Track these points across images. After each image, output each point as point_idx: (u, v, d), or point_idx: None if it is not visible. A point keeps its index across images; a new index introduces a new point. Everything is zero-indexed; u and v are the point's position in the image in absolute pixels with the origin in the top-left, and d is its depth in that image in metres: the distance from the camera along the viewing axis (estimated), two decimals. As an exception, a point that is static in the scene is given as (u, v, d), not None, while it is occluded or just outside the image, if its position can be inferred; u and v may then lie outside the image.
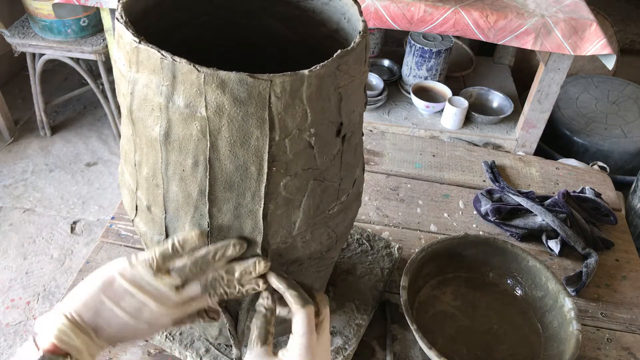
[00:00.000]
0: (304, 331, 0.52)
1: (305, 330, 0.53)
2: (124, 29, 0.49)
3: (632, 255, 0.99)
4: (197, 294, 0.53)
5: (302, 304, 0.54)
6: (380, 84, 1.96)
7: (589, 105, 2.16)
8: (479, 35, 1.55)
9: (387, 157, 1.18)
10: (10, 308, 1.70)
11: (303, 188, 0.55)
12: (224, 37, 0.69)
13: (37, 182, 2.15)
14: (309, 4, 0.64)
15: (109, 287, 0.50)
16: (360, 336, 0.78)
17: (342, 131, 0.55)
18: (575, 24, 1.51)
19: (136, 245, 0.93)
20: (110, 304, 0.50)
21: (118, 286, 0.50)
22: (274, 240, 0.57)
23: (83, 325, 0.49)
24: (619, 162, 2.02)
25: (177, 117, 0.49)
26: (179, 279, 0.52)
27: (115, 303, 0.50)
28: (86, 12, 1.99)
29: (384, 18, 1.57)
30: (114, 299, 0.50)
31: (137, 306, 0.51)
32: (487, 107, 2.00)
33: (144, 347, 0.77)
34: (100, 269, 0.52)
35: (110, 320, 0.50)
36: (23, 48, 2.04)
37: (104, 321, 0.50)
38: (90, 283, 0.51)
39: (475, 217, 1.04)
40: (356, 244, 0.91)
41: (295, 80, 0.47)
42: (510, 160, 1.20)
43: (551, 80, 1.67)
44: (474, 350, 0.78)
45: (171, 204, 0.56)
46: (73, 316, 0.49)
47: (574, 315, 0.75)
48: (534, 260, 0.83)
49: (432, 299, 0.84)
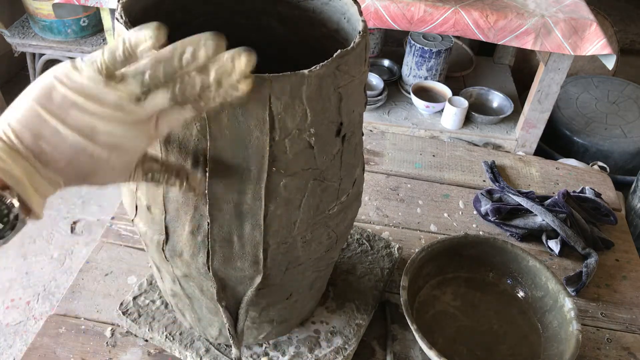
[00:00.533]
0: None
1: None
2: (123, 29, 0.49)
3: (632, 255, 0.99)
4: (164, 105, 0.40)
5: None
6: (380, 84, 1.96)
7: (589, 105, 2.16)
8: (479, 35, 1.55)
9: (387, 157, 1.18)
10: (10, 308, 1.70)
11: (303, 188, 0.55)
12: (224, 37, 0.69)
13: (37, 182, 2.15)
14: (309, 4, 0.64)
15: (48, 99, 0.38)
16: (360, 336, 0.78)
17: (342, 131, 0.55)
18: (575, 24, 1.51)
19: (136, 245, 0.93)
20: (52, 120, 0.37)
21: (60, 96, 0.38)
22: (274, 240, 0.57)
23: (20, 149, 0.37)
24: (619, 162, 2.02)
25: (177, 117, 0.49)
26: (138, 87, 0.39)
27: (59, 119, 0.37)
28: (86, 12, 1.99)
29: (384, 18, 1.57)
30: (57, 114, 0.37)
31: (88, 123, 0.38)
32: (487, 107, 2.00)
33: (144, 347, 0.77)
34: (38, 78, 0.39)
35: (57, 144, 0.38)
36: (23, 48, 2.04)
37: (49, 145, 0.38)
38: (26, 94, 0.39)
39: (475, 217, 1.04)
40: (356, 244, 0.91)
41: (295, 80, 0.47)
42: (510, 160, 1.20)
43: (551, 80, 1.67)
44: (474, 350, 0.78)
45: (171, 204, 0.56)
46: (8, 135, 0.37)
47: (574, 315, 0.75)
48: (534, 260, 0.83)
49: (432, 299, 0.84)
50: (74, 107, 0.38)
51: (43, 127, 0.37)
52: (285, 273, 0.63)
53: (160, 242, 0.60)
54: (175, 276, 0.65)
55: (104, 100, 0.38)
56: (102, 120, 0.38)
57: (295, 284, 0.67)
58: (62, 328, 0.79)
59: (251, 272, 0.60)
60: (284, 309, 0.71)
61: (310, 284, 0.71)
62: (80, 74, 0.38)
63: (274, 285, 0.64)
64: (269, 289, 0.65)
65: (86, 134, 0.38)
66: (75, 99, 0.37)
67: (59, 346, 0.77)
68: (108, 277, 0.87)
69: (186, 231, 0.57)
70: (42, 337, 0.78)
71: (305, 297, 0.74)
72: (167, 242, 0.60)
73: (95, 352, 0.76)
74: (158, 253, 0.62)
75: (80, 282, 0.86)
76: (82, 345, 0.77)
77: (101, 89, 0.38)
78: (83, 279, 0.86)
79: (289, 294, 0.69)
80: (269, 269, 0.60)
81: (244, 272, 0.60)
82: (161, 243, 0.60)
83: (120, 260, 0.90)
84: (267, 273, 0.61)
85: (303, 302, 0.74)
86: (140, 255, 0.91)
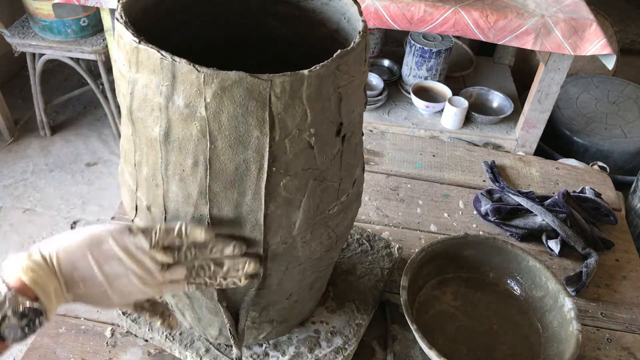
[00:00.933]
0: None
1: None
2: (123, 29, 0.49)
3: (632, 255, 0.99)
4: (179, 278, 0.52)
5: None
6: (380, 84, 1.96)
7: (589, 105, 2.16)
8: (479, 35, 1.55)
9: (387, 157, 1.18)
10: (10, 308, 1.70)
11: (303, 188, 0.55)
12: (224, 37, 0.69)
13: (37, 182, 2.15)
14: (309, 4, 0.64)
15: (98, 246, 0.47)
16: (360, 336, 0.78)
17: (342, 131, 0.55)
18: (575, 24, 1.51)
19: (136, 245, 0.93)
20: (93, 262, 0.47)
21: (107, 248, 0.48)
22: (274, 240, 0.57)
23: (58, 274, 0.46)
24: (619, 162, 2.02)
25: (177, 117, 0.49)
26: (170, 259, 0.51)
27: (98, 264, 0.47)
28: (86, 12, 1.99)
29: (384, 18, 1.57)
30: (99, 260, 0.47)
31: (117, 274, 0.48)
32: (487, 107, 2.00)
33: (144, 347, 0.77)
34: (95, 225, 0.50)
35: (86, 280, 0.47)
36: (23, 48, 2.03)
37: (80, 277, 0.47)
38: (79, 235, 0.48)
39: (475, 217, 1.04)
40: (356, 244, 0.91)
41: (295, 80, 0.47)
42: (510, 160, 1.20)
43: (551, 80, 1.67)
44: (474, 350, 0.78)
45: (171, 204, 0.56)
46: (52, 260, 0.46)
47: (574, 315, 0.75)
48: (534, 260, 0.83)
49: (432, 299, 0.84)
50: (115, 260, 0.48)
51: (83, 264, 0.47)
52: (285, 273, 0.63)
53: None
54: (175, 276, 0.65)
55: (141, 262, 0.49)
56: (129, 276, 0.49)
57: (295, 284, 0.67)
58: (62, 328, 0.79)
59: (251, 272, 0.60)
60: (284, 309, 0.71)
61: (310, 284, 0.71)
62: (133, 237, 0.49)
63: (274, 286, 0.64)
64: (269, 289, 0.65)
65: (111, 280, 0.48)
66: (119, 254, 0.48)
67: (59, 346, 0.77)
68: (108, 277, 0.87)
69: (186, 231, 0.57)
70: (42, 337, 0.78)
71: (305, 297, 0.74)
72: (167, 242, 0.60)
73: (95, 352, 0.76)
74: (158, 253, 0.62)
75: (80, 282, 0.86)
76: (82, 345, 0.77)
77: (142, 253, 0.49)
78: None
79: (289, 294, 0.69)
80: (269, 269, 0.60)
81: (244, 272, 0.60)
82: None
83: (120, 260, 0.90)
84: (267, 273, 0.61)
85: (303, 302, 0.74)
86: (140, 255, 0.91)
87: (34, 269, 0.44)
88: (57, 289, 0.46)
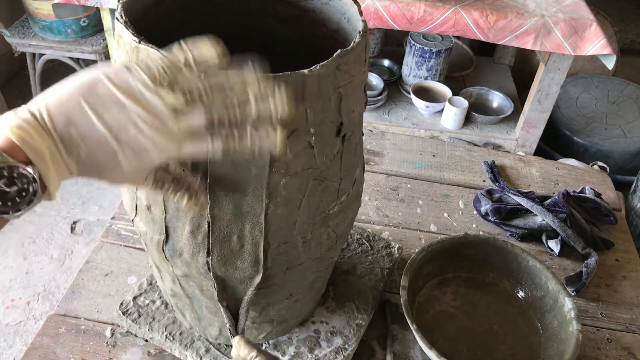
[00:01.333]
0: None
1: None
2: (123, 29, 0.49)
3: (632, 255, 0.99)
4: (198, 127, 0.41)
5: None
6: (380, 84, 1.96)
7: (589, 105, 2.16)
8: (479, 35, 1.55)
9: (387, 157, 1.18)
10: (10, 308, 1.70)
11: (303, 188, 0.55)
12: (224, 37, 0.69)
13: (37, 182, 2.15)
14: (309, 4, 0.64)
15: (92, 91, 0.39)
16: (360, 336, 0.78)
17: (342, 131, 0.55)
18: (575, 24, 1.51)
19: (136, 245, 0.93)
20: (90, 111, 0.38)
21: (105, 91, 0.38)
22: (274, 240, 0.57)
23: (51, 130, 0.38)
24: (619, 162, 2.02)
25: (177, 117, 0.49)
26: (182, 100, 0.40)
27: (97, 112, 0.38)
28: (86, 12, 1.99)
29: (384, 18, 1.57)
30: (96, 107, 0.38)
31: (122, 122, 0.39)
32: (487, 107, 2.00)
33: (144, 347, 0.77)
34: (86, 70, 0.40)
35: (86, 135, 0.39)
36: (23, 48, 2.04)
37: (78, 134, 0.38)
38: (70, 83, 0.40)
39: (475, 217, 1.04)
40: (356, 244, 0.91)
41: (295, 80, 0.47)
42: (510, 160, 1.20)
43: (551, 80, 1.67)
44: (474, 350, 0.78)
45: (171, 204, 0.56)
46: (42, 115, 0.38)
47: (574, 315, 0.75)
48: (534, 260, 0.83)
49: (432, 299, 0.84)
50: (116, 105, 0.38)
51: (79, 116, 0.38)
52: (285, 273, 0.63)
53: (160, 241, 0.60)
54: (175, 276, 0.65)
55: (147, 105, 0.39)
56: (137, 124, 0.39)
57: (295, 284, 0.67)
58: (62, 328, 0.79)
59: (251, 272, 0.60)
60: (284, 308, 0.71)
61: (310, 284, 0.71)
62: (131, 75, 0.39)
63: (274, 285, 0.64)
64: (269, 289, 0.65)
65: (116, 131, 0.39)
66: (120, 98, 0.38)
67: (59, 346, 0.77)
68: (108, 277, 0.87)
69: (186, 231, 0.57)
70: (42, 337, 0.78)
71: (305, 297, 0.74)
72: (167, 242, 0.60)
73: (95, 352, 0.76)
74: (158, 253, 0.62)
75: (80, 282, 0.86)
76: (82, 345, 0.77)
77: (148, 94, 0.39)
78: (83, 279, 0.86)
79: (289, 294, 0.69)
80: (269, 269, 0.60)
81: (244, 272, 0.60)
82: (161, 243, 0.60)
83: (120, 260, 0.90)
84: (267, 273, 0.61)
85: (303, 302, 0.74)
86: (140, 255, 0.91)
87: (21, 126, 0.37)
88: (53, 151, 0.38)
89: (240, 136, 0.42)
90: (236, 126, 0.41)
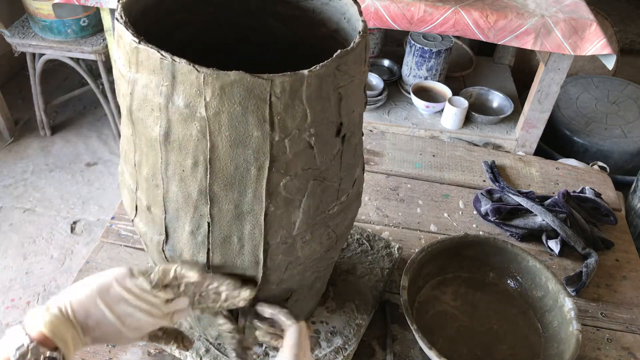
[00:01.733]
0: (294, 342, 0.58)
1: (296, 342, 0.58)
2: (123, 29, 0.49)
3: (632, 255, 0.99)
4: (183, 307, 0.58)
5: (295, 320, 0.60)
6: (380, 84, 1.96)
7: (589, 105, 2.16)
8: (479, 35, 1.55)
9: (387, 157, 1.18)
10: (10, 308, 1.70)
11: (303, 188, 0.55)
12: (224, 37, 0.69)
13: (37, 182, 2.15)
14: (309, 4, 0.64)
15: (106, 292, 0.53)
16: (360, 336, 0.78)
17: (342, 131, 0.55)
18: (575, 24, 1.51)
19: (136, 245, 0.93)
20: (103, 307, 0.53)
21: (114, 292, 0.53)
22: (274, 240, 0.57)
23: (74, 322, 0.51)
24: (619, 162, 2.02)
25: (177, 117, 0.49)
26: (171, 294, 0.57)
27: (109, 307, 0.53)
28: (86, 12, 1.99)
29: (384, 18, 1.57)
30: (108, 304, 0.53)
31: (127, 313, 0.54)
32: (487, 107, 2.00)
33: (144, 347, 0.77)
34: (100, 273, 0.55)
35: (100, 323, 0.53)
36: (23, 48, 2.03)
37: (94, 322, 0.53)
38: (88, 285, 0.54)
39: (475, 217, 1.04)
40: (356, 244, 0.91)
41: (295, 80, 0.47)
42: (510, 160, 1.20)
43: (551, 80, 1.67)
44: (474, 350, 0.78)
45: (171, 204, 0.56)
46: (67, 311, 0.51)
47: (574, 315, 0.75)
48: (534, 260, 0.83)
49: (432, 299, 0.84)
50: (122, 301, 0.53)
51: (95, 310, 0.52)
52: (285, 273, 0.63)
53: (160, 242, 0.60)
54: (175, 276, 0.65)
55: (147, 300, 0.55)
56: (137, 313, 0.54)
57: (295, 284, 0.67)
58: (62, 328, 0.79)
59: (251, 272, 0.60)
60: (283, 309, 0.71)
61: (310, 284, 0.71)
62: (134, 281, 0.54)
63: (274, 285, 0.64)
64: (269, 289, 0.65)
65: (122, 320, 0.53)
66: (125, 296, 0.54)
67: (59, 346, 0.77)
68: (108, 277, 0.87)
69: (186, 231, 0.57)
70: (42, 337, 0.78)
71: (305, 297, 0.74)
72: (167, 242, 0.60)
73: (95, 352, 0.76)
74: (158, 253, 0.62)
75: (80, 282, 0.86)
76: (82, 345, 0.77)
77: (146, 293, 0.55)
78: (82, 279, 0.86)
79: (289, 294, 0.69)
80: (269, 269, 0.60)
81: (244, 272, 0.60)
82: (161, 243, 0.60)
83: (120, 260, 0.90)
84: (267, 273, 0.61)
85: (303, 302, 0.74)
86: (140, 255, 0.91)
87: (52, 322, 0.50)
88: (74, 336, 0.51)
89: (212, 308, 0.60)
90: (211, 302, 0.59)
